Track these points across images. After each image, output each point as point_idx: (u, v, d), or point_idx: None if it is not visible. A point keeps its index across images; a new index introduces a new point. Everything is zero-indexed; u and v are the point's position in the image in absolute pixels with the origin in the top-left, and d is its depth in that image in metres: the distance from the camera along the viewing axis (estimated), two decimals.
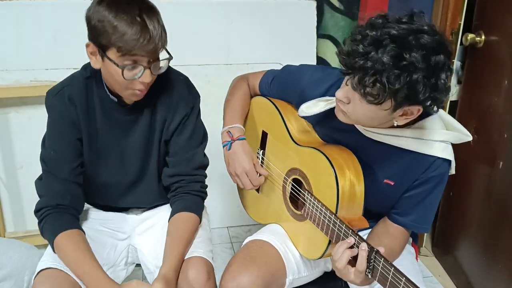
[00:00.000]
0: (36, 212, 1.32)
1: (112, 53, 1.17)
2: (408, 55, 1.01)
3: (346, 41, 1.09)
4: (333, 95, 1.23)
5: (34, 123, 1.51)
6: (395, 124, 1.16)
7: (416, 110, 1.11)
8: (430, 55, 1.02)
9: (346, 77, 1.12)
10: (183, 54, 2.26)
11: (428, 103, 1.07)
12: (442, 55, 1.04)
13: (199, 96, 1.45)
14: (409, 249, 1.42)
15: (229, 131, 1.50)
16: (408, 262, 1.35)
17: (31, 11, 2.10)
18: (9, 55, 2.11)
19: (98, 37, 1.17)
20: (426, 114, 1.23)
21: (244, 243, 1.44)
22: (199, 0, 2.28)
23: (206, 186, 1.47)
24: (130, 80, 1.20)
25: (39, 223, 1.32)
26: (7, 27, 2.09)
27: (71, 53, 1.55)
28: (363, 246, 1.10)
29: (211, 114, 1.59)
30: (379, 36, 1.03)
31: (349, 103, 1.14)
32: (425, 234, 2.42)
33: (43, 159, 1.34)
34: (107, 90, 1.32)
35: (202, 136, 1.45)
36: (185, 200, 1.41)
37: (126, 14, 1.13)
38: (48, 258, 1.31)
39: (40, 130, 1.36)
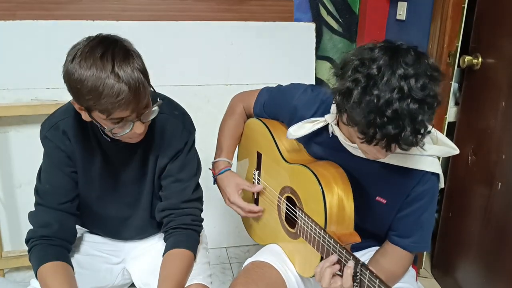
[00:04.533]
0: (26, 242, 1.31)
1: (96, 115, 1.12)
2: (430, 90, 1.01)
3: (358, 111, 1.02)
4: (321, 116, 1.28)
5: (34, 142, 1.51)
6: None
7: None
8: (434, 78, 1.03)
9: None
10: (183, 74, 2.31)
11: None
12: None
13: (195, 130, 1.41)
14: (410, 271, 1.41)
15: (212, 166, 1.55)
16: (406, 283, 1.34)
17: (33, 30, 2.12)
18: (10, 74, 2.13)
19: (78, 99, 1.12)
20: None
21: (244, 265, 1.44)
22: (200, 22, 2.31)
23: (201, 220, 1.42)
24: (123, 135, 1.17)
25: (28, 251, 1.30)
26: (8, 46, 2.11)
27: None
28: (350, 263, 1.10)
29: (210, 135, 1.60)
30: (398, 87, 1.00)
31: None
32: (424, 255, 2.41)
33: (37, 192, 1.32)
34: (100, 129, 1.28)
35: (195, 169, 1.41)
36: (175, 235, 1.36)
37: (99, 72, 1.05)
38: None
39: (39, 149, 1.36)
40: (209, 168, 1.58)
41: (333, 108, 1.30)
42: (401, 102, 0.99)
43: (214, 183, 1.56)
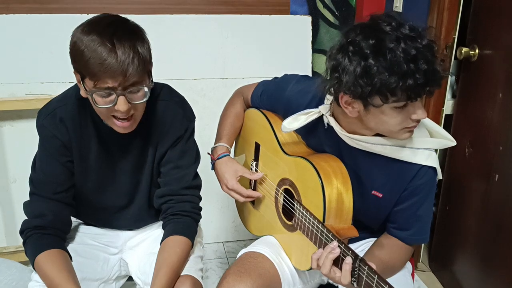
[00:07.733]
0: (21, 233, 1.30)
1: (88, 82, 1.13)
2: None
3: (387, 74, 1.04)
4: (315, 107, 1.27)
5: (29, 136, 1.50)
6: None
7: None
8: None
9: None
10: (179, 68, 2.29)
11: None
12: None
13: (194, 118, 1.41)
14: (406, 266, 1.40)
15: (211, 151, 1.54)
16: (400, 275, 1.34)
17: (28, 24, 2.10)
18: (5, 68, 2.11)
19: (73, 62, 1.14)
20: None
21: (238, 255, 1.43)
22: (195, 15, 2.29)
23: (200, 208, 1.42)
24: (104, 108, 1.15)
25: (23, 244, 1.29)
26: (2, 40, 2.09)
27: (66, 67, 1.53)
28: (348, 260, 1.09)
29: (206, 128, 1.59)
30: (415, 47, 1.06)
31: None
32: (422, 249, 2.40)
33: (31, 181, 1.31)
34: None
35: (194, 157, 1.41)
36: (175, 222, 1.35)
37: (97, 36, 1.09)
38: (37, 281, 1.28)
39: (34, 143, 1.35)
40: (208, 153, 1.56)
41: (328, 98, 1.29)
42: (414, 43, 1.05)
43: (212, 169, 1.54)
